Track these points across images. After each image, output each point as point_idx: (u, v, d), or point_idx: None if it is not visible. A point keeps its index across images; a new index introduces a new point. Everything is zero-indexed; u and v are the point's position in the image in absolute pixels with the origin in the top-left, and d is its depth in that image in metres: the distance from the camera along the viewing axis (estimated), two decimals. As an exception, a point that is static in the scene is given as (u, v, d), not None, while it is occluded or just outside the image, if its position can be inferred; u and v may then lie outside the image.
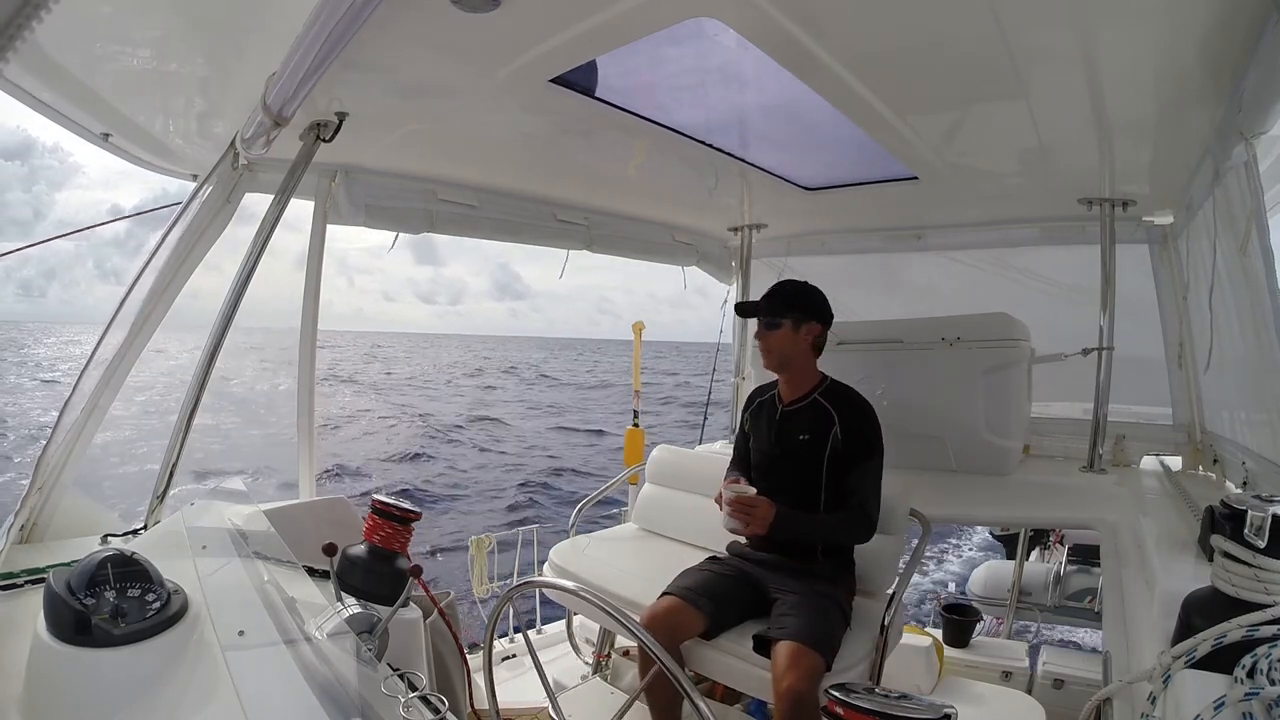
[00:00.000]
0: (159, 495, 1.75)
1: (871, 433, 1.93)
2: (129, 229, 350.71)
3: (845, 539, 1.94)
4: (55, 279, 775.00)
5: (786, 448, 2.02)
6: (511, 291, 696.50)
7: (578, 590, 1.41)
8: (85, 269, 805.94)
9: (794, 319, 1.99)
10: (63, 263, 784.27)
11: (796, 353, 2.01)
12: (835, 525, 1.90)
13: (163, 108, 1.78)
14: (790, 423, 2.03)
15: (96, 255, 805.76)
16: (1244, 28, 1.24)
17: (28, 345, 66.20)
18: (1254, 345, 1.64)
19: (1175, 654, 0.88)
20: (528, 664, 3.05)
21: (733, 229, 3.51)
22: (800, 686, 1.52)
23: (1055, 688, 2.79)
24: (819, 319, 2.02)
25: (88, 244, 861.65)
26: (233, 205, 1.93)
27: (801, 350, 2.01)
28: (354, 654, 1.07)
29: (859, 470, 1.90)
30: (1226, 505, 0.97)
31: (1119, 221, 2.52)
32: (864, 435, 1.92)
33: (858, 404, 1.97)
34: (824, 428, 1.94)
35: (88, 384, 1.71)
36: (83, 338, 69.88)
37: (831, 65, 1.51)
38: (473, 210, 2.64)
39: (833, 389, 2.02)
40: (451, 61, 1.55)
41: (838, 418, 1.93)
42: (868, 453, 1.91)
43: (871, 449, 1.92)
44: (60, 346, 60.94)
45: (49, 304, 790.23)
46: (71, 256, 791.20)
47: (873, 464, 1.91)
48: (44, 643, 0.91)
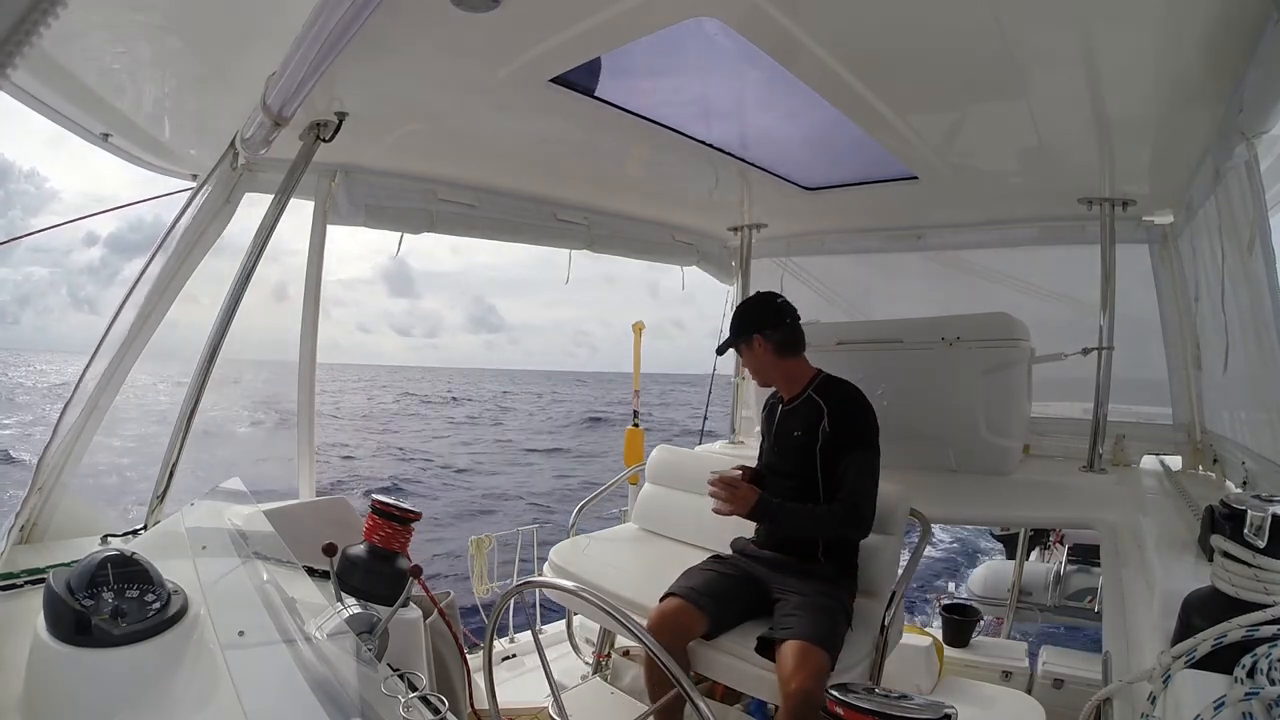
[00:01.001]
0: (159, 495, 1.75)
1: (860, 421, 1.92)
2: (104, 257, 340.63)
3: (831, 533, 1.91)
4: (29, 305, 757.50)
5: (784, 446, 2.04)
6: (487, 324, 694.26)
7: (578, 590, 1.41)
8: (59, 296, 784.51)
9: (743, 341, 2.06)
10: (37, 289, 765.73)
11: (764, 365, 2.07)
12: (821, 517, 1.87)
13: (163, 108, 1.78)
14: (787, 421, 2.05)
15: (70, 283, 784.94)
16: (1244, 27, 1.24)
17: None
18: (1256, 345, 1.64)
19: (1175, 654, 0.88)
20: (528, 664, 3.06)
21: (733, 229, 3.51)
22: (809, 686, 1.52)
23: (1055, 688, 2.79)
24: (759, 329, 2.04)
25: (62, 271, 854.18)
26: (233, 205, 1.93)
27: (768, 360, 2.05)
28: (354, 654, 1.07)
29: (847, 460, 1.87)
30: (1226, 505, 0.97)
31: (1119, 221, 2.52)
32: (852, 424, 1.91)
33: (847, 394, 1.98)
34: (814, 422, 1.94)
35: (89, 384, 1.71)
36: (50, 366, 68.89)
37: (831, 64, 1.51)
38: (473, 210, 2.64)
39: (825, 383, 2.03)
40: (451, 61, 1.55)
41: (826, 409, 1.94)
42: (855, 442, 1.89)
43: (860, 438, 1.90)
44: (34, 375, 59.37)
45: (23, 331, 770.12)
46: (46, 283, 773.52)
47: (862, 454, 1.88)
48: (44, 643, 0.91)
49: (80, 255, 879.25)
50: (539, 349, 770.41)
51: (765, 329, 2.03)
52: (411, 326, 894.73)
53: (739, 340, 2.08)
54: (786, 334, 2.04)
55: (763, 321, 2.04)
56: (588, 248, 3.12)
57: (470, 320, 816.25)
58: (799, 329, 2.07)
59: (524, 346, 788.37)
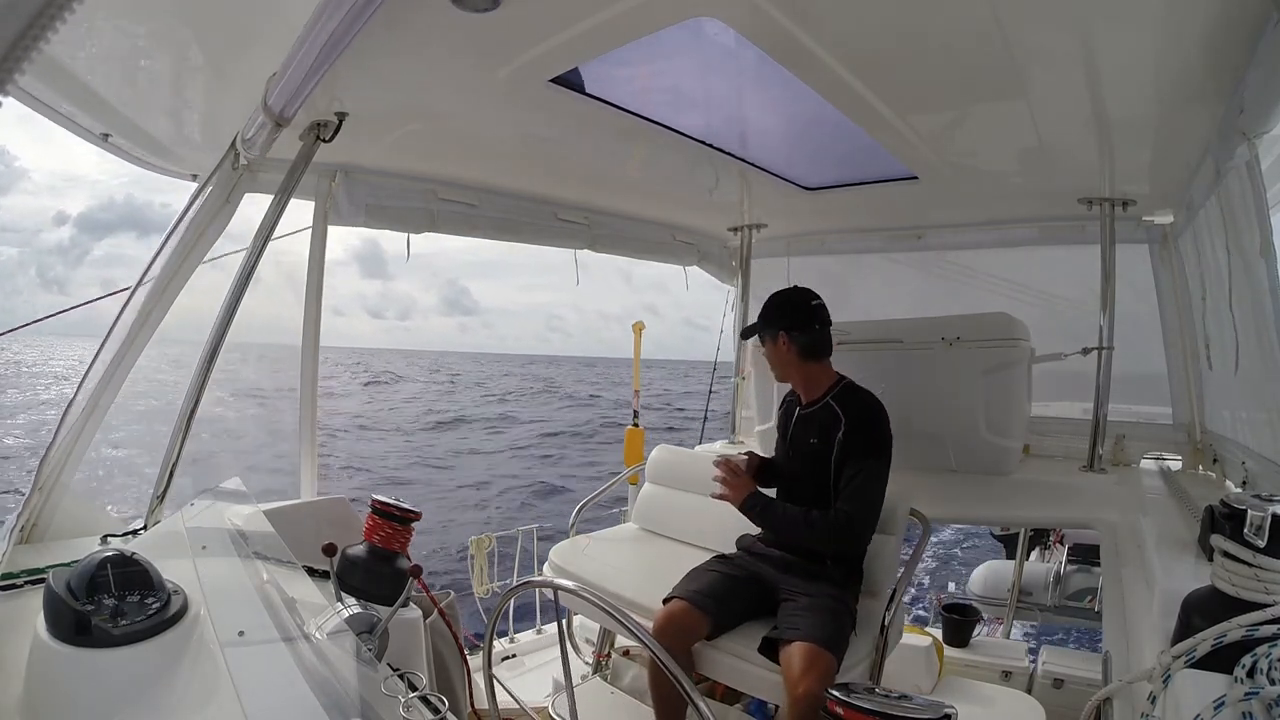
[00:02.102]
0: (159, 495, 1.75)
1: (874, 431, 1.89)
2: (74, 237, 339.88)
3: (818, 543, 1.86)
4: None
5: (799, 451, 2.01)
6: (460, 307, 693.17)
7: (578, 590, 1.41)
8: (28, 277, 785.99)
9: (769, 334, 2.02)
10: (5, 270, 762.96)
11: (784, 363, 2.03)
12: (813, 525, 1.83)
13: (163, 108, 1.78)
14: (804, 426, 2.02)
15: (40, 263, 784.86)
16: (1244, 27, 1.24)
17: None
18: (1257, 344, 1.64)
19: (1175, 654, 0.88)
20: (528, 664, 3.06)
21: (733, 229, 3.51)
22: (816, 689, 1.51)
23: (1055, 688, 2.79)
24: (786, 327, 2.00)
25: (31, 250, 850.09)
26: (233, 205, 1.93)
27: (789, 359, 2.01)
28: (354, 654, 1.07)
29: (852, 468, 1.84)
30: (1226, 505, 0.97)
31: (1119, 221, 2.52)
32: (865, 433, 1.88)
33: (865, 404, 1.94)
34: (832, 431, 1.91)
35: (90, 385, 1.71)
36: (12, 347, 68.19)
37: (831, 64, 1.51)
38: (473, 210, 2.64)
39: (845, 391, 1.99)
40: (451, 61, 1.55)
41: (844, 420, 1.91)
42: (865, 451, 1.86)
43: (871, 448, 1.86)
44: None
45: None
46: (14, 264, 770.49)
47: (872, 465, 1.85)
48: (44, 643, 0.91)
49: (50, 235, 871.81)
50: (512, 334, 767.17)
51: (794, 329, 1.99)
52: (384, 309, 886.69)
53: (765, 331, 2.04)
54: (814, 338, 2.00)
55: (793, 321, 2.00)
56: (588, 248, 3.12)
57: (443, 302, 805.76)
58: (828, 335, 2.03)
59: (498, 331, 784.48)
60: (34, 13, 0.36)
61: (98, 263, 56.62)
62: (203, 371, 1.81)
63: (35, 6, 0.36)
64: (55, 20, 0.36)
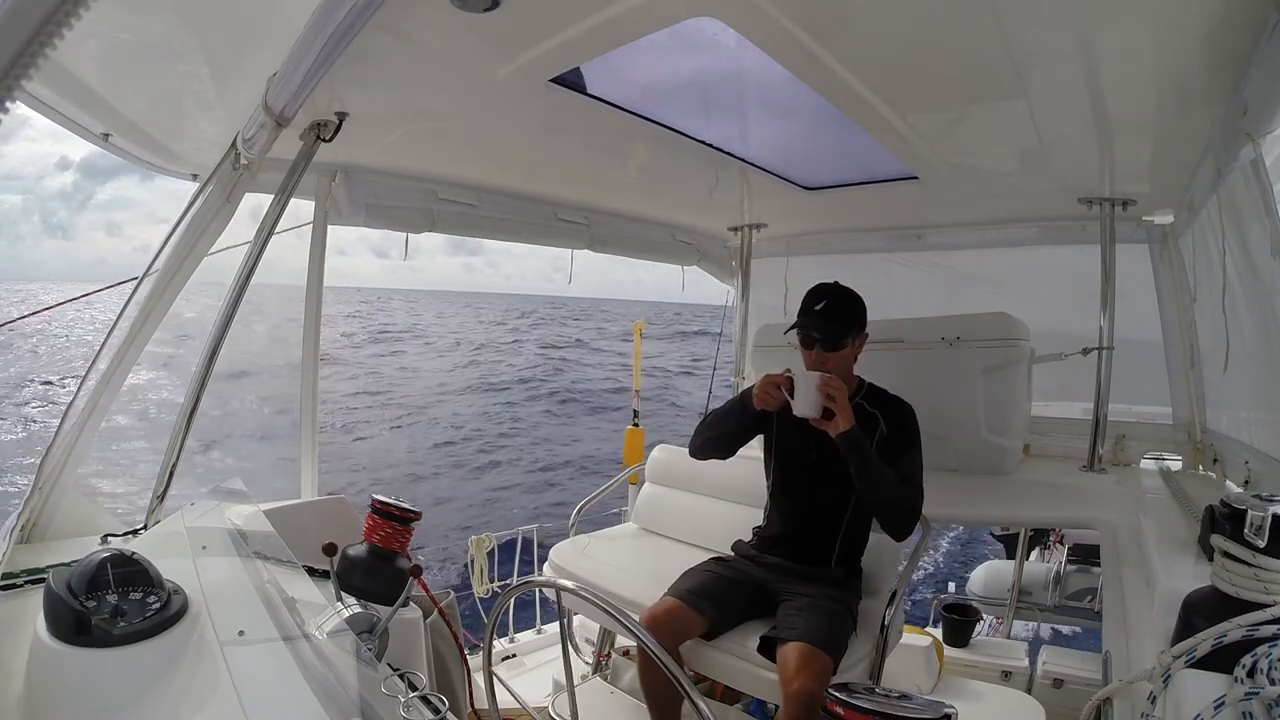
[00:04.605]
0: (159, 495, 1.75)
1: (916, 429, 1.90)
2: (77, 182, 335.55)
3: (901, 496, 1.79)
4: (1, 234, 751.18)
5: (826, 453, 1.86)
6: (466, 247, 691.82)
7: (578, 590, 1.41)
8: (31, 224, 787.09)
9: (854, 335, 1.91)
10: (8, 218, 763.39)
11: (846, 363, 1.95)
12: (899, 480, 1.78)
13: (163, 108, 1.78)
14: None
15: (43, 209, 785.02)
16: (1245, 27, 1.23)
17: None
18: (1264, 343, 1.64)
19: (1175, 654, 0.88)
20: (528, 664, 3.06)
21: (733, 229, 3.51)
22: (812, 688, 1.51)
23: (1055, 688, 2.79)
24: (864, 328, 1.95)
25: (34, 197, 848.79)
26: (233, 205, 1.93)
27: (850, 361, 1.96)
28: (354, 654, 1.07)
29: (907, 459, 1.84)
30: (1226, 505, 0.97)
31: (1119, 221, 2.52)
32: (912, 432, 1.90)
33: (901, 404, 1.94)
34: (869, 430, 1.86)
35: (90, 385, 1.71)
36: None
37: (831, 64, 1.51)
38: (473, 209, 2.64)
39: (874, 392, 1.98)
40: (451, 61, 1.55)
41: (881, 419, 1.90)
42: (913, 446, 1.88)
43: (915, 442, 1.89)
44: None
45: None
46: (18, 211, 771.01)
47: (919, 458, 1.87)
48: (44, 643, 0.91)
49: (53, 180, 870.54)
50: (517, 273, 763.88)
51: (865, 331, 1.95)
52: (389, 249, 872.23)
53: (851, 331, 1.89)
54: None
55: (865, 322, 1.95)
56: (588, 247, 3.12)
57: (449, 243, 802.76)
58: None
59: (504, 270, 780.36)
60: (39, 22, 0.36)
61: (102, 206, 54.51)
62: (202, 373, 1.81)
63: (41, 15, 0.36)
64: (62, 28, 0.37)
